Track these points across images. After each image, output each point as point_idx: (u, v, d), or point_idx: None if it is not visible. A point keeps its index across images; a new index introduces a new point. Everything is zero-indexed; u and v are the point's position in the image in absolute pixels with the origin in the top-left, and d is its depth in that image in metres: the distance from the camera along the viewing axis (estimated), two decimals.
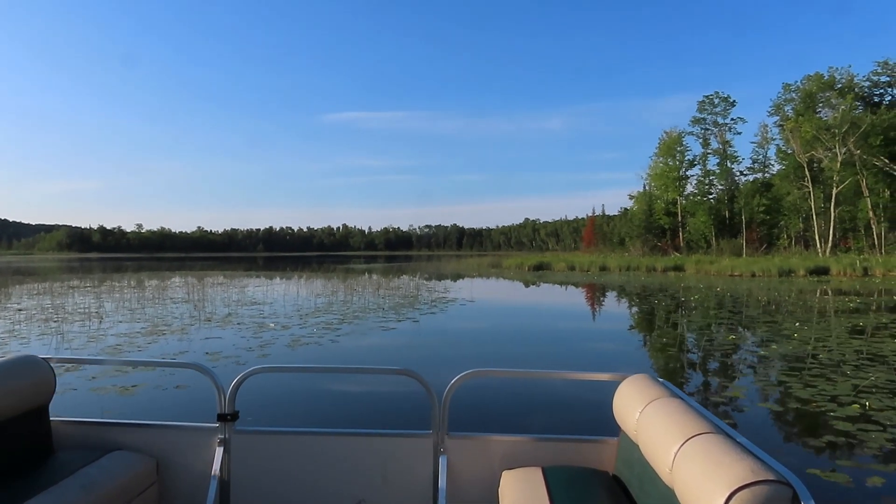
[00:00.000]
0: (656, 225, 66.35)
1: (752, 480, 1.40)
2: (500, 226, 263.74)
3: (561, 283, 29.56)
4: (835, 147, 49.99)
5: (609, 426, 2.57)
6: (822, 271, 35.42)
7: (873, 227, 50.09)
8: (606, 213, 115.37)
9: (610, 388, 2.54)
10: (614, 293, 23.52)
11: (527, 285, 29.47)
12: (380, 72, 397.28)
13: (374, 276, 36.23)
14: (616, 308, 18.17)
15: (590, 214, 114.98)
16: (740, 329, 11.98)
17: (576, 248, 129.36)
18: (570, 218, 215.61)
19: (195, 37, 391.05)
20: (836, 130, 49.15)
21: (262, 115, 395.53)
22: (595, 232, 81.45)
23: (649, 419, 2.03)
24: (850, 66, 64.60)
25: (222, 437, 2.65)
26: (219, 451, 2.61)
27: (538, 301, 21.31)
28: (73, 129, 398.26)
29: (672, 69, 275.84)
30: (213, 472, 2.57)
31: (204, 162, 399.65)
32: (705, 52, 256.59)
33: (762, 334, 11.11)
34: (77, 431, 2.72)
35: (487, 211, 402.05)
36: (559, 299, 22.08)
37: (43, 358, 2.65)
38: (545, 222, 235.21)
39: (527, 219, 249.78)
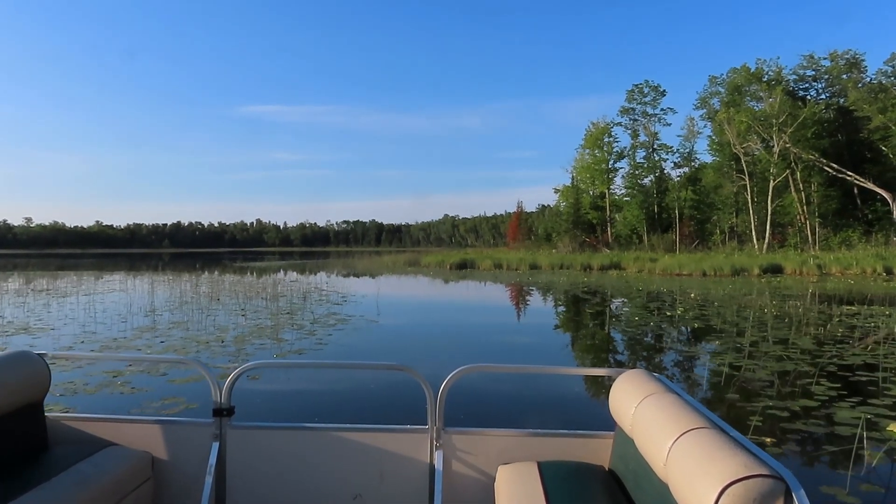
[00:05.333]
0: (584, 220, 62.58)
1: (745, 475, 1.38)
2: (420, 222, 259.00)
3: (490, 283, 24.21)
4: (771, 138, 47.51)
5: (604, 421, 2.53)
6: (775, 270, 32.03)
7: (801, 222, 48.14)
8: (525, 210, 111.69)
9: (604, 384, 2.58)
10: (566, 302, 18.24)
11: (451, 289, 23.90)
12: (296, 66, 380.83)
13: (265, 277, 29.64)
14: (601, 338, 12.72)
15: (508, 211, 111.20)
16: (836, 390, 6.73)
17: (496, 244, 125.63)
18: (489, 214, 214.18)
19: (90, 24, 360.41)
20: (774, 121, 46.57)
21: (167, 104, 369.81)
22: (520, 228, 77.03)
23: (645, 414, 1.98)
24: (777, 58, 63.57)
25: (218, 432, 2.58)
26: (214, 447, 2.55)
27: (471, 317, 15.57)
28: None
29: (589, 71, 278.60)
30: (208, 468, 2.49)
31: (103, 153, 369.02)
32: (625, 53, 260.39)
33: None
34: (71, 427, 2.64)
35: (406, 207, 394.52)
36: (497, 312, 16.51)
37: (38, 353, 2.58)
38: (464, 219, 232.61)
39: (446, 215, 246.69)
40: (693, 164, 59.82)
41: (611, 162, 62.22)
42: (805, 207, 47.88)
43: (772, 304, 15.90)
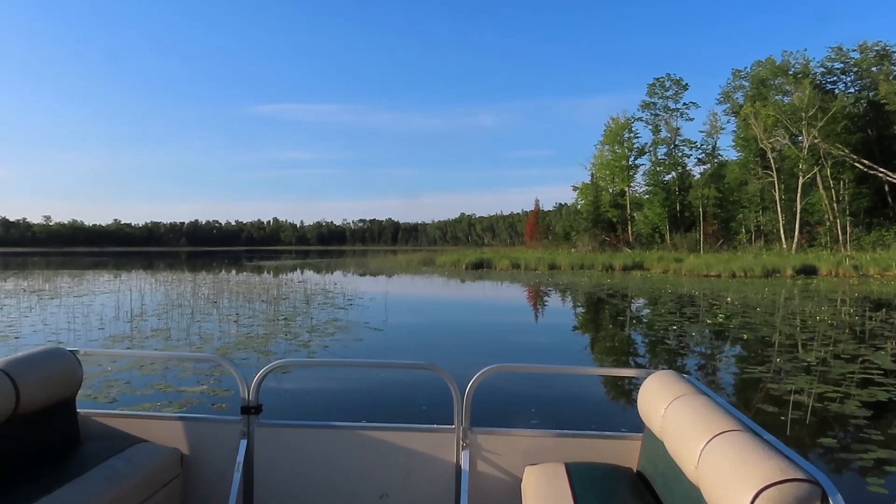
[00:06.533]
0: (604, 218, 60.71)
1: (780, 479, 1.34)
2: (436, 220, 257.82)
3: (508, 284, 22.81)
4: (800, 133, 45.47)
5: (631, 423, 2.49)
6: (809, 271, 30.25)
7: (828, 221, 46.07)
8: (542, 209, 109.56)
9: (631, 385, 2.73)
10: (591, 305, 16.80)
11: (467, 290, 22.54)
12: (309, 65, 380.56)
13: (273, 277, 28.49)
14: (634, 350, 11.30)
15: (525, 210, 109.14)
16: None
17: (512, 243, 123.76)
18: (506, 213, 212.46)
19: (107, 23, 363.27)
20: (803, 114, 44.50)
21: (183, 104, 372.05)
22: (537, 226, 75.29)
23: (675, 415, 1.94)
24: (805, 50, 61.37)
25: (246, 429, 2.58)
26: (242, 444, 2.55)
27: (490, 325, 14.18)
28: None
29: (601, 70, 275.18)
30: (236, 465, 2.50)
31: (120, 152, 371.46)
32: (637, 53, 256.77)
33: None
34: (103, 423, 2.68)
35: (423, 206, 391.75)
36: (517, 317, 15.10)
37: (70, 350, 2.62)
38: (481, 217, 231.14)
39: (462, 213, 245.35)
40: (716, 160, 57.71)
41: (631, 158, 60.33)
42: (835, 205, 45.81)
43: (821, 310, 14.33)
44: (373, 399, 6.28)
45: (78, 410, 2.63)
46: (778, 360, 8.21)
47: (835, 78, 52.77)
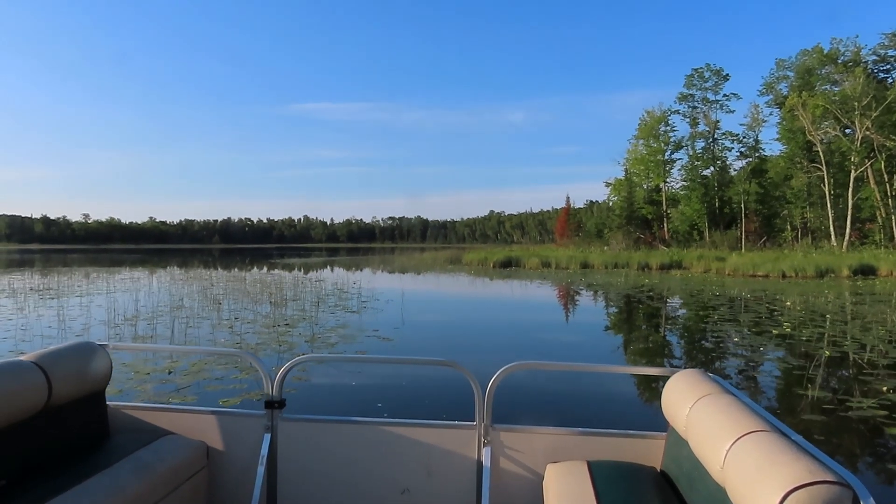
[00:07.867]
0: (638, 215, 58.34)
1: (810, 481, 1.30)
2: (465, 218, 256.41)
3: (539, 284, 21.18)
4: (852, 123, 42.66)
5: (655, 422, 2.43)
6: (867, 271, 27.94)
7: (881, 217, 43.22)
8: (572, 206, 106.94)
9: (656, 384, 2.51)
10: (629, 309, 15.08)
11: (493, 291, 20.99)
12: (341, 63, 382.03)
13: (294, 275, 27.36)
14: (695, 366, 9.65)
15: (555, 207, 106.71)
16: None
17: (542, 241, 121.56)
18: (535, 210, 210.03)
19: (147, 26, 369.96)
20: (856, 104, 41.68)
21: (217, 104, 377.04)
22: (568, 224, 73.12)
23: (700, 415, 1.91)
24: (856, 37, 58.08)
25: (269, 423, 2.58)
26: (266, 438, 2.56)
27: (520, 335, 12.62)
28: (15, 112, 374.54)
29: (633, 65, 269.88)
30: (260, 458, 2.52)
31: (157, 150, 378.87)
32: (668, 48, 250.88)
33: None
34: (131, 416, 2.71)
35: (452, 203, 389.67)
36: (550, 318, 13.48)
37: (100, 344, 2.64)
38: (510, 215, 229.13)
39: (492, 211, 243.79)
40: (758, 154, 54.83)
41: (667, 153, 57.90)
42: (889, 201, 42.96)
43: None
44: (393, 395, 6.24)
45: (107, 403, 2.64)
46: (884, 388, 6.49)
47: (888, 66, 49.45)
